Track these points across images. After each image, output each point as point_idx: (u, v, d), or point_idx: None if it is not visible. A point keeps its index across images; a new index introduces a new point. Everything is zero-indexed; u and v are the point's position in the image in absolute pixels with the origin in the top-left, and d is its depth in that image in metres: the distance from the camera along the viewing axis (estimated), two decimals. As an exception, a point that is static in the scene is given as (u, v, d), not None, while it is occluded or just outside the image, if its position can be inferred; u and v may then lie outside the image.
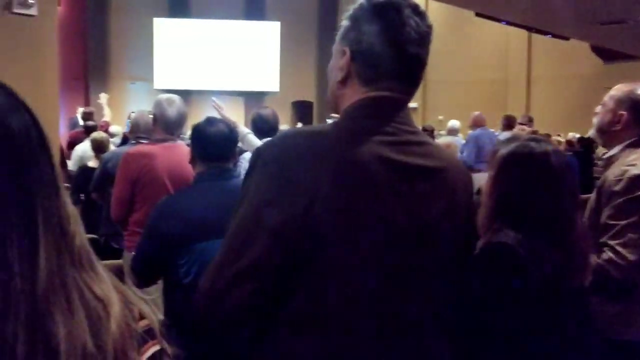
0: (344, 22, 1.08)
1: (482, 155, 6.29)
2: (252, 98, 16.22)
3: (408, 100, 1.09)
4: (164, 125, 2.84)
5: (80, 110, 12.67)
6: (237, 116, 14.38)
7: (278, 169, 0.97)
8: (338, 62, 1.08)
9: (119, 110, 11.83)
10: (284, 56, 16.20)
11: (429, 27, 1.06)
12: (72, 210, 0.62)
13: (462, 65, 14.84)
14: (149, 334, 0.66)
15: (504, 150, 1.44)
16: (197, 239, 1.90)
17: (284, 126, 6.77)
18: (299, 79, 16.01)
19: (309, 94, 16.07)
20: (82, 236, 0.63)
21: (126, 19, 16.12)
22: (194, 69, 16.48)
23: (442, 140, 6.44)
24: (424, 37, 1.05)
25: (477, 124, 6.88)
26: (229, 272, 0.96)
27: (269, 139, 1.09)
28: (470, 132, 6.97)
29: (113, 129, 6.77)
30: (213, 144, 2.08)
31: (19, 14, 4.09)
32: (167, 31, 16.38)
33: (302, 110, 15.79)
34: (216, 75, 16.35)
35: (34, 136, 0.59)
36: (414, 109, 14.86)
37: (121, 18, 16.13)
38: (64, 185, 0.63)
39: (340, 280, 0.97)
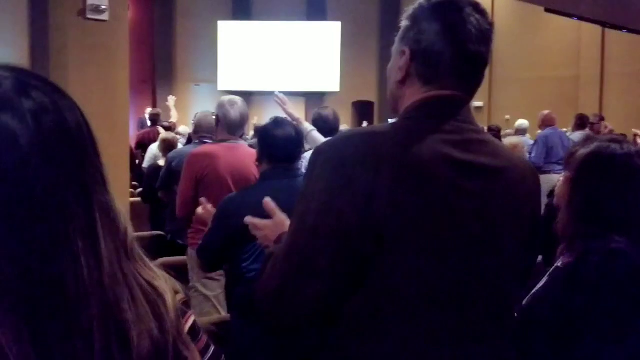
0: (404, 22, 1.08)
1: (553, 156, 6.06)
2: (313, 98, 16.31)
3: (469, 98, 1.07)
4: (226, 126, 2.92)
5: (148, 111, 13.23)
6: (298, 116, 14.38)
7: (337, 169, 0.97)
8: (398, 62, 1.07)
9: (185, 112, 12.19)
10: (344, 56, 16.20)
11: (491, 24, 1.05)
12: (119, 206, 0.65)
13: (530, 62, 14.30)
14: (186, 306, 0.71)
15: (583, 152, 1.38)
16: None
17: (344, 126, 6.76)
18: (360, 79, 15.96)
19: (370, 94, 15.97)
20: (130, 230, 0.66)
21: (191, 23, 16.61)
22: (256, 70, 16.77)
23: (508, 140, 6.21)
24: (485, 35, 1.03)
25: (546, 123, 6.63)
26: (291, 274, 0.97)
27: (329, 139, 1.08)
28: (539, 132, 6.72)
29: (181, 129, 7.00)
30: (280, 145, 2.15)
31: (92, 19, 4.30)
32: (230, 34, 16.76)
33: (362, 110, 15.71)
34: (278, 76, 16.56)
35: (86, 134, 0.62)
36: (479, 107, 14.46)
37: (187, 22, 16.64)
38: (132, 183, 0.65)
39: (400, 281, 0.96)
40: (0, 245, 0.55)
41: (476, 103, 14.40)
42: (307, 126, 3.04)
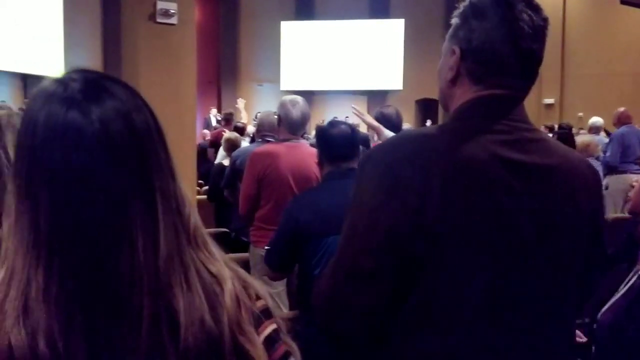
0: (454, 20, 1.06)
1: (629, 155, 5.74)
2: (375, 97, 16.21)
3: (523, 97, 1.04)
4: (288, 126, 2.93)
5: (214, 111, 13.60)
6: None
7: (388, 171, 0.97)
8: (448, 61, 1.06)
9: (248, 111, 12.36)
10: (408, 54, 16.01)
11: (545, 20, 1.02)
12: (187, 194, 0.67)
13: (604, 57, 13.57)
14: (265, 314, 0.69)
15: None
16: (326, 232, 2.01)
17: (407, 125, 6.67)
18: (423, 76, 15.67)
19: (434, 92, 15.06)
20: (196, 218, 0.67)
21: (255, 24, 16.91)
22: (318, 70, 16.85)
23: (580, 139, 5.93)
24: (538, 32, 1.00)
25: (622, 120, 6.29)
26: (346, 276, 0.97)
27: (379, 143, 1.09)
28: (615, 130, 6.38)
29: (248, 129, 7.17)
30: (336, 144, 2.18)
31: (162, 23, 4.47)
32: (293, 34, 16.93)
33: (426, 108, 15.43)
34: (340, 75, 16.58)
35: (153, 130, 0.65)
36: (550, 104, 13.90)
37: (251, 23, 16.95)
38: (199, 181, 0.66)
39: (454, 280, 0.95)
40: (60, 227, 0.59)
41: (547, 100, 13.84)
42: (388, 133, 3.01)
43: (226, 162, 4.99)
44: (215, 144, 6.69)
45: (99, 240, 0.59)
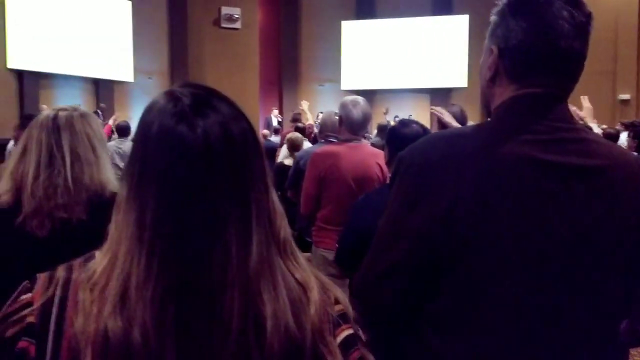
0: (493, 18, 1.04)
1: None
2: (438, 95, 15.93)
3: (563, 95, 1.01)
4: (349, 126, 2.92)
5: (275, 111, 13.79)
6: (422, 114, 14.20)
7: (420, 172, 0.97)
8: (487, 60, 1.05)
9: (309, 112, 12.49)
10: (472, 50, 15.62)
11: (587, 15, 0.98)
12: (279, 206, 0.71)
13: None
14: (342, 318, 0.72)
15: None
16: None
17: (472, 123, 6.47)
18: (489, 73, 15.29)
19: None
20: (286, 229, 0.71)
21: (316, 25, 17.01)
22: (379, 69, 16.75)
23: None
24: (580, 28, 0.97)
25: None
26: (375, 270, 1.00)
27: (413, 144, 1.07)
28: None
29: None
30: (408, 144, 2.14)
31: (226, 28, 4.60)
32: (354, 33, 16.92)
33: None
34: (401, 73, 16.41)
35: (250, 140, 0.69)
36: (626, 100, 13.18)
37: (311, 24, 17.07)
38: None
39: (484, 283, 0.94)
40: (162, 226, 0.63)
41: (622, 96, 13.14)
42: None
43: (287, 162, 5.07)
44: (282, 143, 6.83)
45: (195, 242, 0.64)
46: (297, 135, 5.44)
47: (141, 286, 0.62)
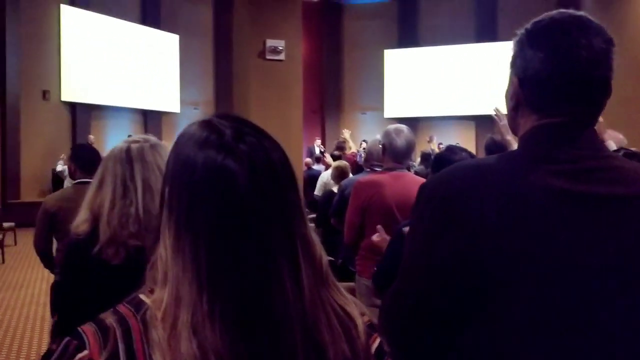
0: (513, 48, 1.03)
1: None
2: (484, 122, 15.67)
3: (588, 123, 0.98)
4: (392, 155, 2.90)
5: (318, 141, 13.89)
6: (467, 141, 14.04)
7: (442, 203, 0.95)
8: (509, 90, 1.05)
9: (352, 140, 12.56)
10: (517, 77, 15.43)
11: (608, 41, 0.95)
12: (315, 236, 0.71)
13: None
14: (371, 328, 0.75)
15: None
16: None
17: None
18: (534, 99, 15.01)
19: None
20: (325, 258, 0.72)
21: (358, 53, 17.18)
22: (422, 96, 16.71)
23: None
24: (600, 56, 0.95)
25: None
26: (400, 305, 0.99)
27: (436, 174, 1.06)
28: None
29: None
30: None
31: (271, 59, 4.71)
32: (396, 61, 16.99)
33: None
34: (445, 100, 16.31)
35: (289, 171, 0.70)
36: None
37: (354, 53, 17.26)
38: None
39: (508, 318, 0.90)
40: (218, 261, 0.64)
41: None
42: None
43: (335, 189, 5.06)
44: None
45: (252, 277, 0.64)
46: (345, 163, 5.44)
47: (209, 320, 0.63)
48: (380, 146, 3.25)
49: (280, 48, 4.89)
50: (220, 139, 0.67)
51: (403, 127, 2.98)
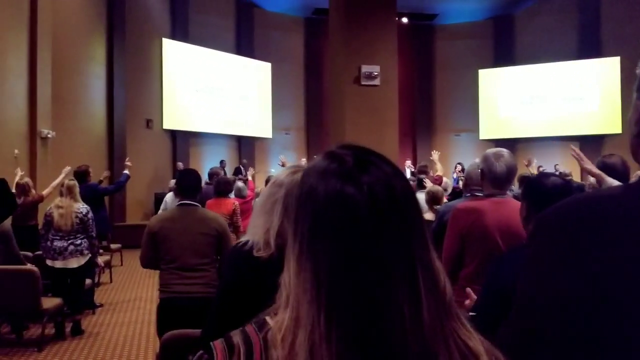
0: (638, 72, 0.94)
1: None
2: (589, 143, 14.75)
3: None
4: (492, 180, 2.77)
5: (408, 162, 13.70)
6: (571, 164, 13.27)
7: (564, 238, 0.89)
8: (633, 115, 0.97)
9: (445, 163, 12.26)
10: (626, 93, 14.39)
11: None
12: (439, 264, 0.70)
13: None
14: None
15: None
16: None
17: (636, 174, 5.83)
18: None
19: None
20: (449, 288, 0.70)
21: (451, 74, 16.87)
22: (521, 116, 16.06)
23: None
24: None
25: None
26: (514, 346, 0.91)
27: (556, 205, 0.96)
28: None
29: (443, 183, 7.02)
30: (548, 199, 2.00)
31: (366, 85, 4.72)
32: (491, 81, 16.48)
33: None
34: (546, 120, 15.56)
35: (410, 197, 0.70)
36: None
37: (446, 73, 16.96)
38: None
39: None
40: (337, 284, 0.65)
41: None
42: (612, 182, 2.65)
43: (428, 216, 4.91)
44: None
45: (370, 302, 0.65)
46: (438, 188, 5.29)
47: (325, 341, 0.64)
48: (479, 170, 3.12)
49: (376, 73, 4.89)
50: (341, 167, 0.69)
51: (504, 151, 2.83)
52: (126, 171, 7.91)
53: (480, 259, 2.70)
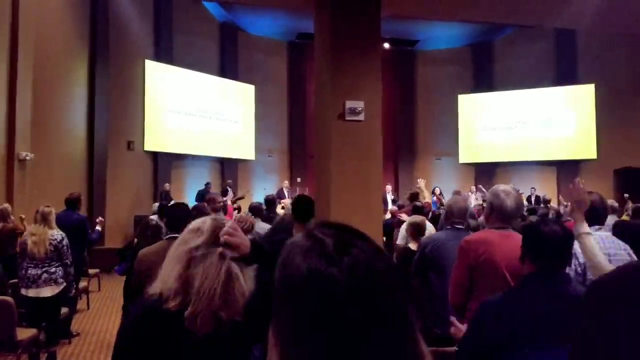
0: None
1: None
2: (565, 167, 15.07)
3: None
4: (501, 215, 2.86)
5: (389, 187, 13.75)
6: (548, 188, 13.43)
7: (619, 307, 0.88)
8: None
9: (426, 186, 12.36)
10: (601, 120, 14.74)
11: None
12: (425, 347, 0.69)
13: None
14: None
15: None
16: (522, 343, 1.91)
17: (611, 202, 5.95)
18: (622, 144, 14.19)
19: (636, 160, 13.81)
20: None
21: (432, 99, 17.09)
22: (499, 141, 16.31)
23: None
24: None
25: None
26: None
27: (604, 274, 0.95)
28: None
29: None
30: (546, 245, 2.06)
31: (350, 120, 4.75)
32: (471, 106, 16.76)
33: (626, 178, 13.67)
34: (524, 145, 15.82)
35: (391, 276, 0.69)
36: None
37: (427, 98, 17.18)
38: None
39: None
40: None
41: None
42: (584, 228, 2.67)
43: (413, 246, 4.92)
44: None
45: None
46: (421, 218, 5.31)
47: None
48: (463, 204, 3.15)
49: (360, 109, 4.92)
50: (322, 249, 0.68)
51: (510, 188, 2.95)
52: (98, 227, 7.01)
53: (489, 290, 2.67)
